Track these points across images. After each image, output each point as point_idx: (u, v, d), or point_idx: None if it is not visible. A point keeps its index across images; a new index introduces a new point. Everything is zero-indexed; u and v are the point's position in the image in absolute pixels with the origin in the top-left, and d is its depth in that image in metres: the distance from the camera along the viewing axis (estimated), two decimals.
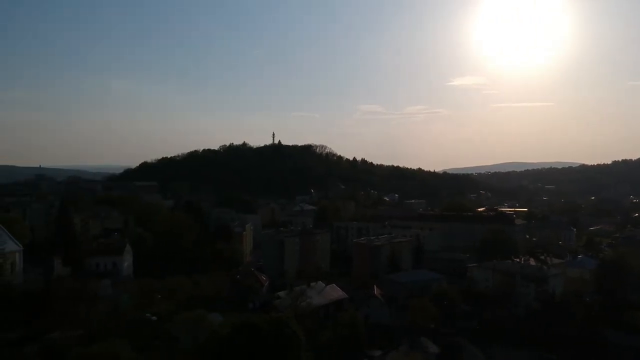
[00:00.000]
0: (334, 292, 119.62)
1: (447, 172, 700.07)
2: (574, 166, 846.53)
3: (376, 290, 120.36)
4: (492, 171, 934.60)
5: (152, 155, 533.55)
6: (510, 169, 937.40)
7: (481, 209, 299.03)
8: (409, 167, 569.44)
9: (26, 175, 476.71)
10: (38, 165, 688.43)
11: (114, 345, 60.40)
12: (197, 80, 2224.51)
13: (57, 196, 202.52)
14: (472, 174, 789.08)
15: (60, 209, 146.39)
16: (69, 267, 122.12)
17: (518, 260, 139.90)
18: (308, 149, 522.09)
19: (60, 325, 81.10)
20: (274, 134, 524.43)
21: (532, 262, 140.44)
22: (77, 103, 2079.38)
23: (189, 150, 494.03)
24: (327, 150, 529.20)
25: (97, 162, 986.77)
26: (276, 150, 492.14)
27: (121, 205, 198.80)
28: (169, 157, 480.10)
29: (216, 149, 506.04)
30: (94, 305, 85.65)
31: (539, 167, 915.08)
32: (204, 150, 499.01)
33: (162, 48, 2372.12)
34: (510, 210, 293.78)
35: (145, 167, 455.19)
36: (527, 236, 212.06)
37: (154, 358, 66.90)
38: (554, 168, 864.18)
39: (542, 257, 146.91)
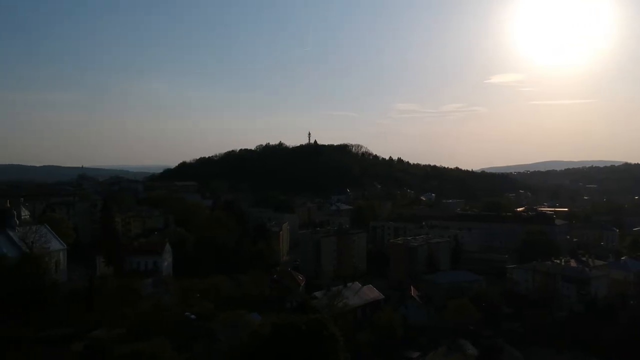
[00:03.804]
0: (371, 292, 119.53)
1: (485, 171, 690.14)
2: (616, 165, 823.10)
3: (413, 291, 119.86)
4: (531, 170, 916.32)
5: (191, 155, 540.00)
6: (550, 168, 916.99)
7: (520, 209, 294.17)
8: (446, 166, 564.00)
9: (69, 175, 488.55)
10: (80, 166, 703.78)
11: (155, 344, 61.47)
12: (234, 81, 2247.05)
13: (99, 196, 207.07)
14: (510, 172, 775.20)
15: (102, 209, 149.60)
16: (111, 266, 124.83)
17: (559, 261, 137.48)
18: (344, 149, 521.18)
19: (103, 323, 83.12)
20: (309, 134, 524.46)
21: (574, 263, 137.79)
22: (118, 105, 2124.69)
23: (226, 150, 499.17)
24: (363, 149, 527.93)
25: (137, 162, 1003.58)
26: (312, 150, 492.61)
27: (162, 205, 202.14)
28: (206, 157, 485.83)
29: (253, 148, 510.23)
30: (137, 304, 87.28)
31: (580, 166, 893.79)
32: (240, 150, 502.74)
33: (202, 50, 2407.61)
34: (550, 210, 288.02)
35: (184, 167, 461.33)
36: (568, 237, 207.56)
37: (194, 357, 67.89)
38: (596, 167, 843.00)
39: (584, 259, 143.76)
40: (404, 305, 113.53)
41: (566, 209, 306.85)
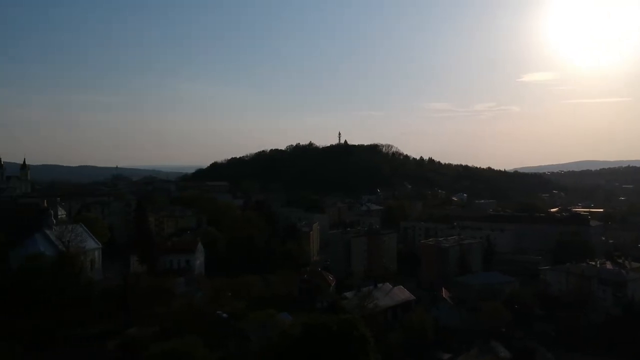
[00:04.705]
0: (401, 293, 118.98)
1: (518, 171, 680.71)
2: None
3: (445, 293, 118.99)
4: (565, 170, 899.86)
5: (222, 156, 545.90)
6: (585, 168, 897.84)
7: (554, 210, 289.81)
8: (478, 166, 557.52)
9: (104, 175, 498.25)
10: (115, 166, 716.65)
11: (188, 343, 62.36)
12: (264, 81, 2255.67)
13: (133, 196, 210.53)
14: (544, 172, 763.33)
15: (136, 209, 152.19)
16: (145, 265, 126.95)
17: (594, 263, 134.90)
18: (374, 149, 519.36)
19: (137, 321, 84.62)
20: (340, 134, 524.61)
21: (609, 265, 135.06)
22: (151, 106, 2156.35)
23: (257, 151, 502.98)
24: (394, 149, 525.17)
25: (170, 162, 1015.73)
26: (342, 150, 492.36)
27: (194, 204, 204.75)
28: (238, 157, 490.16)
29: (283, 149, 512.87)
30: (170, 302, 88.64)
31: (616, 166, 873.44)
32: (271, 150, 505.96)
33: (233, 51, 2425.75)
34: (585, 211, 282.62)
35: (215, 167, 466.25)
36: (604, 238, 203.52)
37: (226, 356, 68.63)
38: (633, 166, 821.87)
39: (620, 261, 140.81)
40: (435, 306, 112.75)
41: (601, 210, 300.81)
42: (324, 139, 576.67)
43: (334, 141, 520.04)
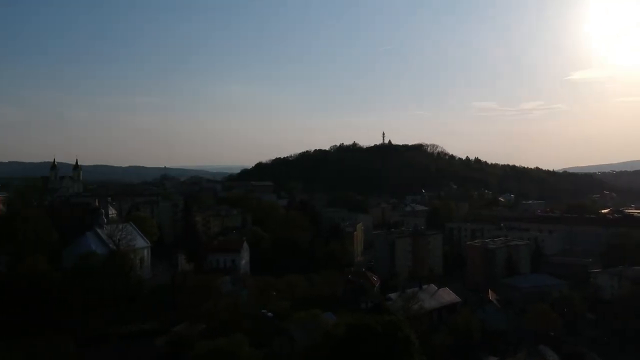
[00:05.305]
0: (447, 295, 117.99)
1: (567, 171, 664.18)
2: None
3: (491, 294, 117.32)
4: (617, 170, 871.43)
5: (267, 156, 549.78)
6: (638, 167, 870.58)
7: (605, 211, 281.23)
8: (525, 166, 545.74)
9: (153, 175, 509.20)
10: (163, 166, 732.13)
11: (235, 342, 63.30)
12: (308, 81, 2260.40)
13: (181, 195, 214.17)
14: (594, 172, 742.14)
15: (184, 208, 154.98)
16: (192, 263, 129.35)
17: None
18: (419, 148, 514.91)
19: (185, 319, 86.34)
20: (384, 134, 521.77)
21: None
22: (198, 107, 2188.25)
23: (301, 151, 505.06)
24: (439, 149, 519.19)
25: (216, 162, 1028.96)
26: (386, 150, 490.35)
27: (239, 204, 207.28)
28: (282, 157, 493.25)
29: (327, 149, 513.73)
30: (217, 300, 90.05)
31: None
32: (315, 150, 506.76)
33: (278, 51, 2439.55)
34: (638, 212, 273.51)
35: (260, 167, 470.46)
36: None
37: (271, 355, 69.40)
38: None
39: None
40: (481, 308, 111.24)
41: None
42: (368, 139, 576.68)
43: (378, 141, 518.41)
